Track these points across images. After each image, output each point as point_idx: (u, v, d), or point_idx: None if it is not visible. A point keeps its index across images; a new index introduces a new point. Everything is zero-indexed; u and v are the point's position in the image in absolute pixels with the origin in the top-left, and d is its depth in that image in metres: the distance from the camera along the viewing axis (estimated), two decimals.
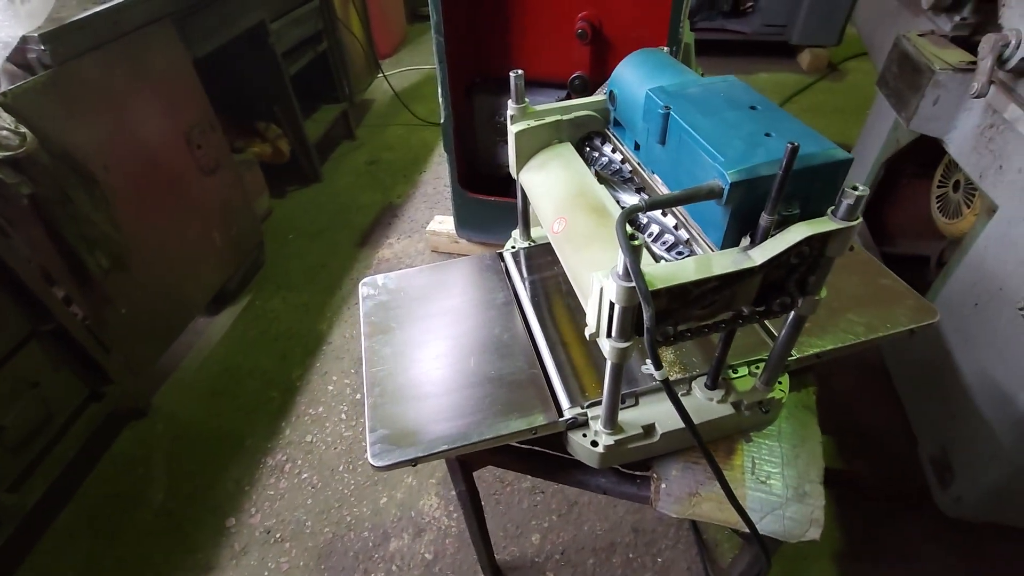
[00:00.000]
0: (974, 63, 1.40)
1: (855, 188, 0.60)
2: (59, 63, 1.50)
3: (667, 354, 0.92)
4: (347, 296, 2.33)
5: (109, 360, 1.70)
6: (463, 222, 2.33)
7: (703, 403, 0.86)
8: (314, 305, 2.29)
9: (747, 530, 0.77)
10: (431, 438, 0.82)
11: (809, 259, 0.65)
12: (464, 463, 1.04)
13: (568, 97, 1.97)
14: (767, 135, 0.66)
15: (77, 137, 1.56)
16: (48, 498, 1.59)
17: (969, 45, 1.53)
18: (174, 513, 1.63)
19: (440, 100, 1.96)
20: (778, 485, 0.83)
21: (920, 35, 1.62)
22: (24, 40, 1.45)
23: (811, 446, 0.87)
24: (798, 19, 3.63)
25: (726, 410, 0.85)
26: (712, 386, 0.86)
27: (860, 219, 0.62)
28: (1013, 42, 1.25)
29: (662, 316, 0.67)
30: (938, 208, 1.77)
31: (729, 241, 0.68)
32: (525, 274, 1.12)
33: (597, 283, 0.64)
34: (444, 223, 2.48)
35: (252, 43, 2.41)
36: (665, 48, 0.98)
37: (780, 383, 0.89)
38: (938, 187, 1.79)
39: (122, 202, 1.70)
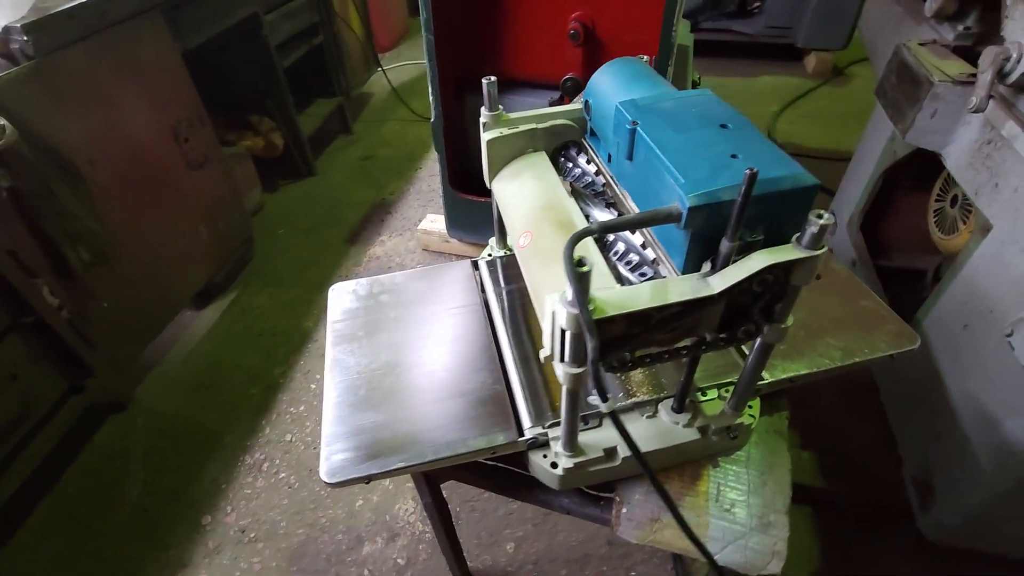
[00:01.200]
0: (974, 75, 1.37)
1: (819, 216, 0.57)
2: (43, 54, 1.48)
3: (636, 374, 0.90)
4: None
5: (90, 353, 1.69)
6: (454, 222, 2.30)
7: (668, 427, 0.83)
8: (301, 302, 2.28)
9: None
10: (387, 455, 0.80)
11: (773, 287, 0.63)
12: (429, 476, 1.02)
13: (561, 99, 1.94)
14: (733, 156, 0.63)
15: (61, 130, 1.54)
16: (25, 491, 1.58)
17: (972, 56, 1.48)
18: (151, 509, 1.63)
19: (431, 99, 1.93)
20: (742, 514, 0.80)
21: (921, 44, 1.58)
22: (7, 30, 1.43)
23: (779, 474, 0.85)
24: (804, 21, 3.57)
25: (692, 435, 0.82)
26: (679, 409, 0.84)
27: (825, 248, 0.59)
28: (1014, 56, 1.21)
29: (620, 342, 0.65)
30: (935, 222, 1.73)
31: (691, 265, 0.65)
32: (500, 284, 1.10)
33: (550, 307, 0.62)
34: (436, 222, 2.46)
35: (245, 35, 2.39)
36: (645, 57, 0.95)
37: (751, 407, 0.87)
38: (936, 201, 1.75)
39: (107, 196, 1.69)
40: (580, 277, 0.54)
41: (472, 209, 2.21)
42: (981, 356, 1.28)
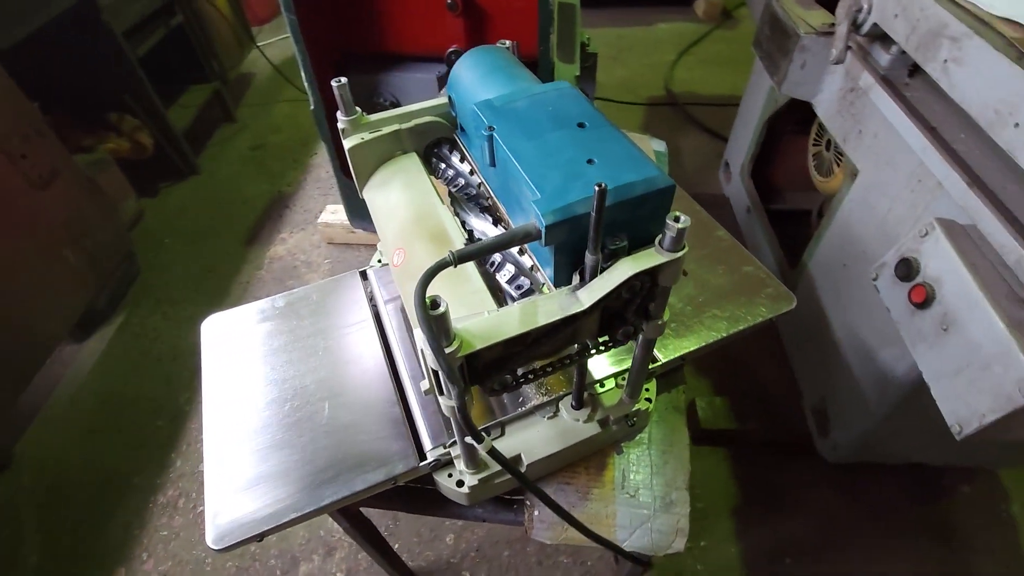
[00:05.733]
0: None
1: (676, 219, 0.56)
2: None
3: None
4: (238, 303, 2.14)
5: None
6: (354, 211, 2.18)
7: (570, 424, 0.83)
8: (200, 318, 2.08)
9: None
10: (278, 507, 0.74)
11: (642, 291, 0.62)
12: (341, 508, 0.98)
13: (448, 74, 1.84)
14: (590, 162, 0.60)
15: None
16: None
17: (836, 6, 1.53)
18: (53, 574, 1.49)
19: (305, 85, 1.77)
20: (646, 497, 0.83)
21: None
22: None
23: (679, 450, 0.88)
24: None
25: (593, 429, 0.83)
26: (578, 406, 0.84)
27: (686, 248, 0.59)
28: (865, 6, 1.25)
29: (499, 363, 0.63)
30: (814, 165, 1.83)
31: (562, 276, 0.63)
32: (394, 294, 1.04)
33: (419, 343, 0.58)
34: (337, 212, 2.33)
35: (82, 24, 2.07)
36: (507, 43, 0.89)
37: (647, 389, 0.88)
38: (813, 145, 1.84)
39: None
40: (434, 322, 0.50)
41: None
42: (859, 293, 1.39)
